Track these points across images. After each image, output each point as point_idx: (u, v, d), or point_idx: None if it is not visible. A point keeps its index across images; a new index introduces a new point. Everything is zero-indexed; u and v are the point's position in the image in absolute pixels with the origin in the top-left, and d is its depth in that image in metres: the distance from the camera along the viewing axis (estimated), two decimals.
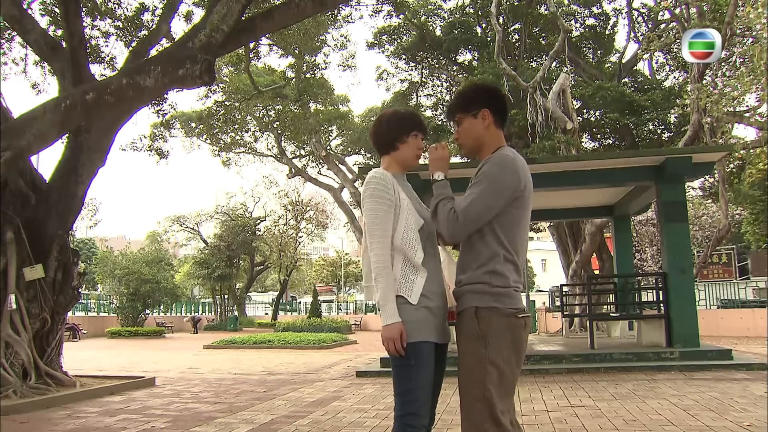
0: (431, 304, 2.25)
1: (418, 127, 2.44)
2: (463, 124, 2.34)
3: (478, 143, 2.34)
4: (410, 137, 2.41)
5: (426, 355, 2.22)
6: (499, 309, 2.14)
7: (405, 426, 2.20)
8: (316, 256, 55.62)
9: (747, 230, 25.85)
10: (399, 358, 2.21)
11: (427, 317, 2.23)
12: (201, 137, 23.97)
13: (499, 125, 2.33)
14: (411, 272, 2.25)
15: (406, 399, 2.21)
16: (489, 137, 2.32)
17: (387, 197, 2.27)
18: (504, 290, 2.16)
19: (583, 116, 19.55)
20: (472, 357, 2.15)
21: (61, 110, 6.45)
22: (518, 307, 2.18)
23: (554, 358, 9.23)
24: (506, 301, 2.16)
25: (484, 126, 2.31)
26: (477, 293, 2.17)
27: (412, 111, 2.62)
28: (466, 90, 2.47)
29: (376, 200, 2.27)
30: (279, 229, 35.32)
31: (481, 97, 2.34)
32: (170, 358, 13.67)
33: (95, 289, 35.76)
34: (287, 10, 7.57)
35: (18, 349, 6.85)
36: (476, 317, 2.15)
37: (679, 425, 4.70)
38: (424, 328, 2.22)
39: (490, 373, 2.10)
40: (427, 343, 2.22)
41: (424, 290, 2.24)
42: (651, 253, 25.86)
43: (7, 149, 6.28)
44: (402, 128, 2.42)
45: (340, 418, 5.44)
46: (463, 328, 2.22)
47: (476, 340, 2.14)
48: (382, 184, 2.29)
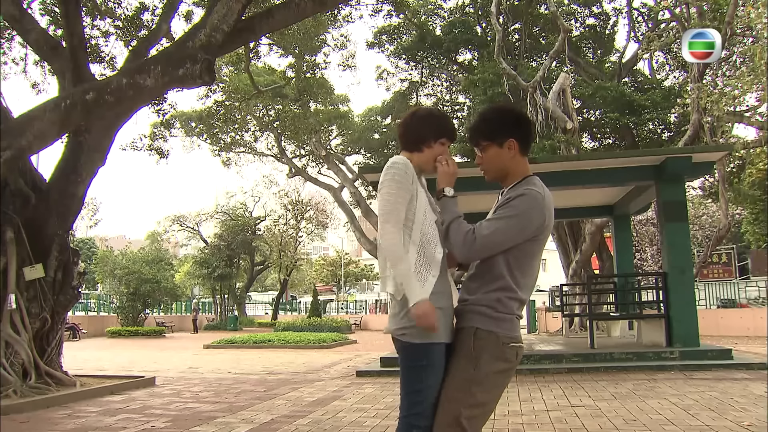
0: (443, 304, 2.21)
1: (448, 134, 2.37)
2: (488, 153, 2.30)
3: (503, 173, 2.31)
4: (437, 144, 2.35)
5: (438, 357, 2.20)
6: (497, 335, 2.16)
7: (410, 426, 2.18)
8: (316, 255, 55.61)
9: (747, 230, 25.89)
10: (411, 358, 2.20)
11: (440, 317, 2.17)
12: (201, 137, 23.94)
13: (524, 153, 2.31)
14: (424, 269, 2.20)
15: (415, 399, 2.19)
16: (514, 166, 2.29)
17: (407, 185, 2.22)
18: (507, 316, 2.18)
19: (583, 116, 19.54)
20: (458, 378, 2.16)
21: (61, 110, 6.44)
22: (515, 336, 2.20)
23: (554, 358, 9.22)
24: (507, 326, 2.18)
25: (510, 156, 2.27)
26: (480, 315, 2.18)
27: (446, 115, 2.53)
28: (492, 116, 2.35)
29: (397, 185, 2.21)
30: (279, 229, 35.33)
31: (508, 125, 2.28)
32: (170, 358, 13.67)
33: (95, 288, 35.76)
34: (287, 9, 7.56)
35: (18, 348, 6.85)
36: (474, 337, 2.16)
37: (679, 425, 4.70)
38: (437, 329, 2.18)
39: (472, 395, 2.12)
40: (439, 344, 2.20)
41: (435, 288, 2.20)
42: (651, 253, 25.85)
43: (7, 149, 6.27)
44: (433, 131, 2.35)
45: (340, 417, 5.43)
46: (458, 345, 2.22)
47: (467, 359, 2.16)
48: (403, 170, 2.23)
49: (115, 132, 8.45)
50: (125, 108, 7.79)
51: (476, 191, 6.64)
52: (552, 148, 15.71)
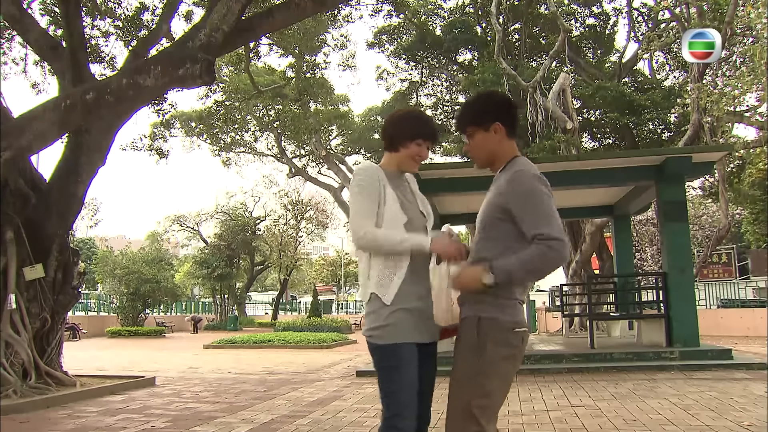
0: (408, 305, 2.23)
1: (424, 135, 2.40)
2: (476, 139, 2.30)
3: (492, 157, 2.31)
4: (413, 144, 2.38)
5: (407, 357, 2.20)
6: (501, 321, 2.13)
7: (390, 428, 2.20)
8: (316, 255, 55.66)
9: (747, 230, 25.91)
10: (381, 359, 2.22)
11: (405, 318, 2.21)
12: (201, 137, 23.96)
13: (511, 136, 2.31)
14: (389, 271, 2.24)
15: (390, 400, 2.21)
16: (502, 150, 2.29)
17: (374, 189, 2.28)
18: (510, 302, 2.16)
19: (583, 116, 19.55)
20: (464, 368, 2.15)
21: (61, 110, 6.44)
22: (519, 320, 2.17)
23: (554, 358, 9.23)
24: (510, 312, 2.15)
25: (498, 140, 2.28)
26: (482, 302, 2.15)
27: (424, 116, 2.55)
28: (476, 102, 2.38)
29: (362, 190, 2.29)
30: (279, 229, 35.32)
31: (492, 109, 2.29)
32: (170, 358, 13.66)
33: (95, 288, 35.77)
34: (287, 9, 7.56)
35: (18, 348, 6.85)
36: (478, 325, 2.14)
37: (679, 425, 4.70)
38: (403, 330, 2.21)
39: (480, 384, 2.10)
40: (407, 344, 2.21)
41: (399, 291, 2.22)
42: (651, 253, 25.85)
43: (7, 149, 6.27)
44: (407, 132, 2.39)
45: (340, 417, 5.43)
46: (461, 336, 2.21)
47: (472, 350, 2.13)
48: (367, 175, 2.31)
49: (115, 132, 8.44)
50: (125, 108, 7.79)
51: (474, 192, 6.65)
52: (552, 148, 15.72)
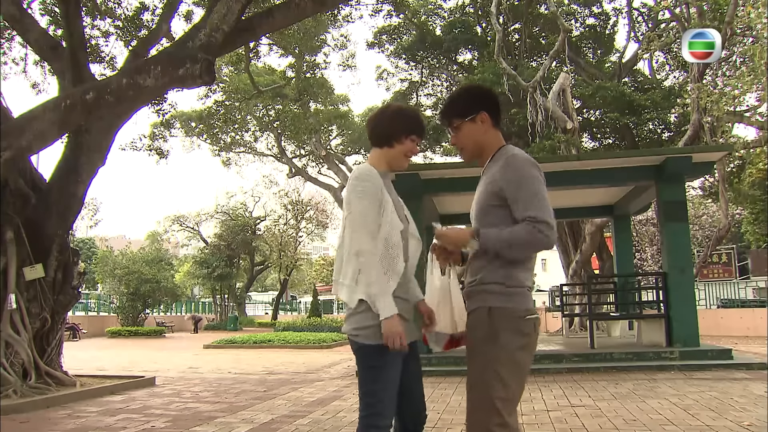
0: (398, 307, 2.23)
1: (418, 131, 2.42)
2: (462, 130, 2.32)
3: (479, 147, 2.33)
4: (408, 139, 2.39)
5: (392, 357, 2.20)
6: (511, 310, 2.12)
7: (368, 426, 2.20)
8: (316, 255, 55.59)
9: (747, 230, 25.89)
10: (366, 359, 2.23)
11: None
12: (201, 137, 23.96)
13: (496, 125, 2.34)
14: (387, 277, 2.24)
15: (371, 400, 2.22)
16: (489, 140, 2.32)
17: (377, 197, 2.26)
18: (518, 290, 2.15)
19: (583, 116, 19.54)
20: (480, 359, 2.13)
21: (61, 110, 6.44)
22: (529, 307, 2.17)
23: (554, 358, 9.22)
24: (520, 300, 2.14)
25: (484, 130, 2.30)
26: (491, 293, 2.14)
27: (417, 112, 2.57)
28: (460, 95, 2.42)
29: (369, 198, 2.25)
30: (279, 229, 35.32)
31: (477, 100, 2.32)
32: (170, 358, 13.67)
33: (95, 288, 35.74)
34: (287, 9, 7.56)
35: (18, 348, 6.85)
36: (489, 316, 2.13)
37: (679, 425, 4.70)
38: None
39: (499, 376, 2.08)
40: None
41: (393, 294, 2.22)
42: (651, 253, 25.85)
43: (7, 149, 6.27)
44: (404, 128, 2.39)
45: (340, 417, 5.44)
46: (473, 328, 2.19)
47: (486, 341, 2.12)
48: (372, 182, 2.28)
49: (115, 132, 8.44)
50: (125, 108, 7.79)
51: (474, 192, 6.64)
52: (552, 148, 15.72)
